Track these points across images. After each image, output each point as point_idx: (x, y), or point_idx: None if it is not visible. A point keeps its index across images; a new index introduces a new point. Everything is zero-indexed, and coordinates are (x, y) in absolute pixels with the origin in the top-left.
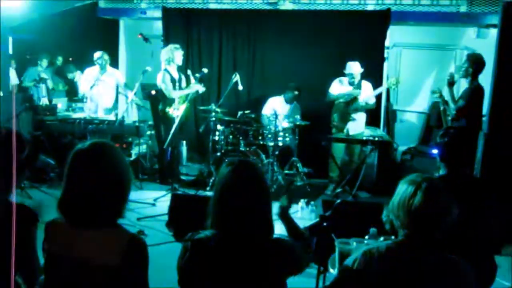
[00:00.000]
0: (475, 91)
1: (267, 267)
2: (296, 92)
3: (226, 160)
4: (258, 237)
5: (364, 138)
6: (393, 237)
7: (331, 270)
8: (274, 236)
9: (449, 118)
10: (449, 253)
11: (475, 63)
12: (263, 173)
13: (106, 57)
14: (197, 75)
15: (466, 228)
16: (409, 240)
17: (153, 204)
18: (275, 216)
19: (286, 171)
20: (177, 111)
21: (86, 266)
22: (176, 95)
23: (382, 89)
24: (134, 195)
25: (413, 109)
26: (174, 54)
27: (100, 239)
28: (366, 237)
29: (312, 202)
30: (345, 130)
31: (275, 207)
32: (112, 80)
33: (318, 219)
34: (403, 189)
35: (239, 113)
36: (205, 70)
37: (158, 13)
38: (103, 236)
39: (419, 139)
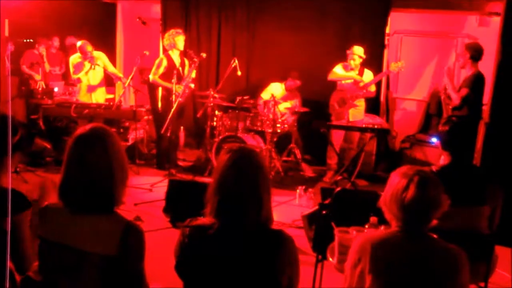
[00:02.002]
0: (477, 79)
1: (265, 257)
2: (298, 82)
3: (225, 147)
4: (257, 226)
5: (363, 125)
6: None
7: (330, 259)
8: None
9: (450, 106)
10: (448, 242)
11: (472, 49)
12: (263, 160)
13: (89, 48)
14: (195, 59)
15: (468, 217)
16: (402, 231)
17: (150, 190)
18: (274, 203)
19: (284, 158)
20: (177, 96)
21: (81, 253)
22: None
23: (383, 76)
24: (131, 180)
25: (412, 97)
26: (175, 39)
27: (95, 226)
28: (366, 226)
29: (310, 189)
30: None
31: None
32: (101, 62)
33: (317, 207)
34: (395, 182)
35: (238, 98)
36: (203, 55)
37: None
38: (99, 222)
39: (419, 127)
